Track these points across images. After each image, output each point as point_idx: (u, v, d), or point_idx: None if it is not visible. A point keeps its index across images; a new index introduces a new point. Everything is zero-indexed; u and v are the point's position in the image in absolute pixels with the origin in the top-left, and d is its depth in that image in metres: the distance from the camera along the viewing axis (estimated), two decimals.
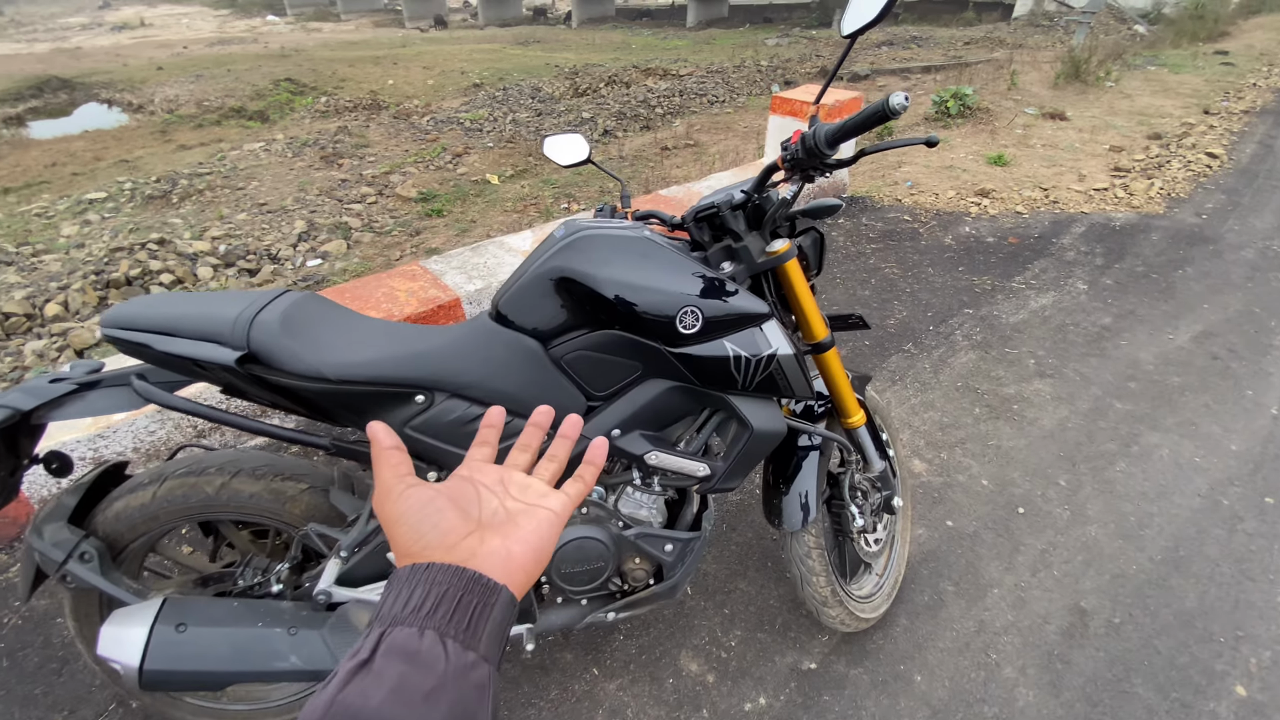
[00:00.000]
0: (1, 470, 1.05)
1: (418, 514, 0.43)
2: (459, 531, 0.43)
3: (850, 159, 1.15)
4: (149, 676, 1.01)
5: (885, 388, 2.49)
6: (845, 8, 1.07)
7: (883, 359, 2.65)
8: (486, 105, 11.76)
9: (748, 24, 23.42)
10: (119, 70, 16.45)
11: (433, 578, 0.39)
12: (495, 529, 0.44)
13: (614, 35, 23.78)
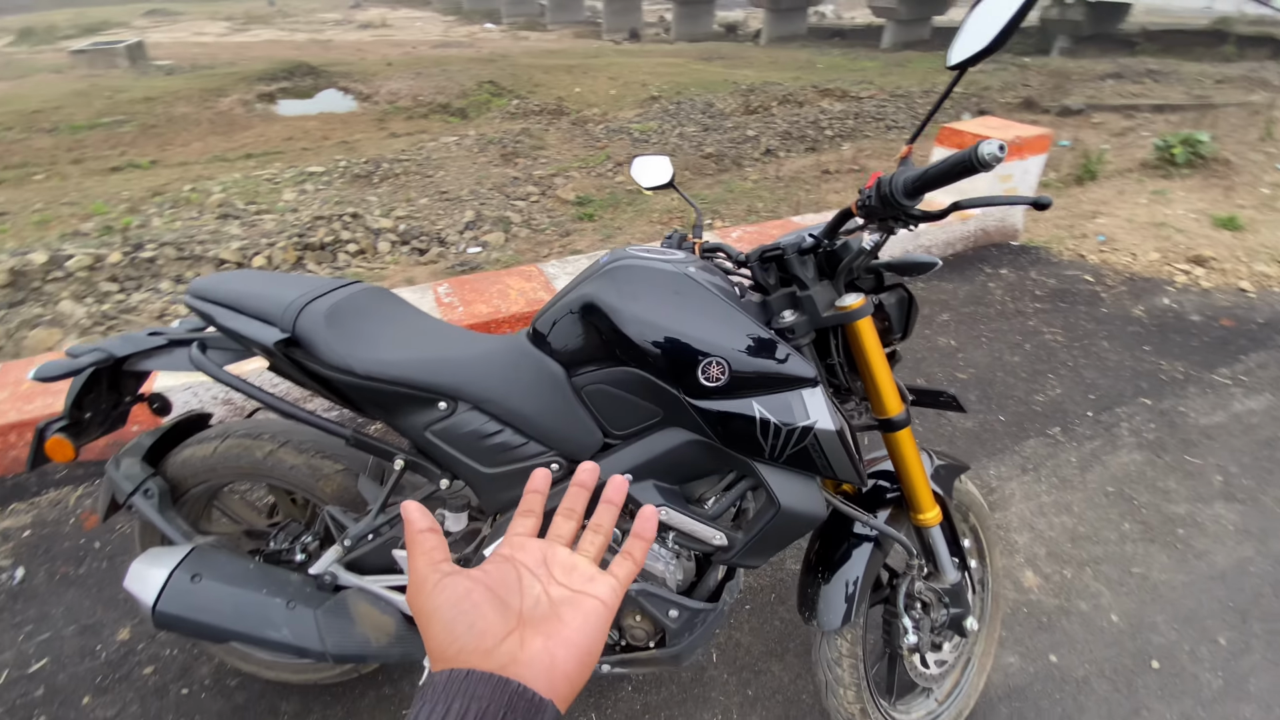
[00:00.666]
0: (107, 403, 1.21)
1: (452, 610, 0.39)
2: (497, 632, 0.39)
3: (940, 213, 0.96)
4: (160, 617, 1.11)
5: (1010, 477, 2.12)
6: (955, 36, 0.90)
7: (1016, 441, 2.27)
8: (658, 118, 12.07)
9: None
10: (357, 63, 19.14)
11: (471, 690, 0.35)
12: (538, 625, 0.40)
13: (800, 54, 23.31)
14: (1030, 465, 2.18)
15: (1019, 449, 2.25)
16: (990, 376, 2.63)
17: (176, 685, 1.48)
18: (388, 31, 29.74)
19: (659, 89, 16.59)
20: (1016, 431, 2.33)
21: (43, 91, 15.26)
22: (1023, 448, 2.26)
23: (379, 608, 1.19)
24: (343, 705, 1.44)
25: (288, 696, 1.45)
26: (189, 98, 14.76)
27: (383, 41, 26.73)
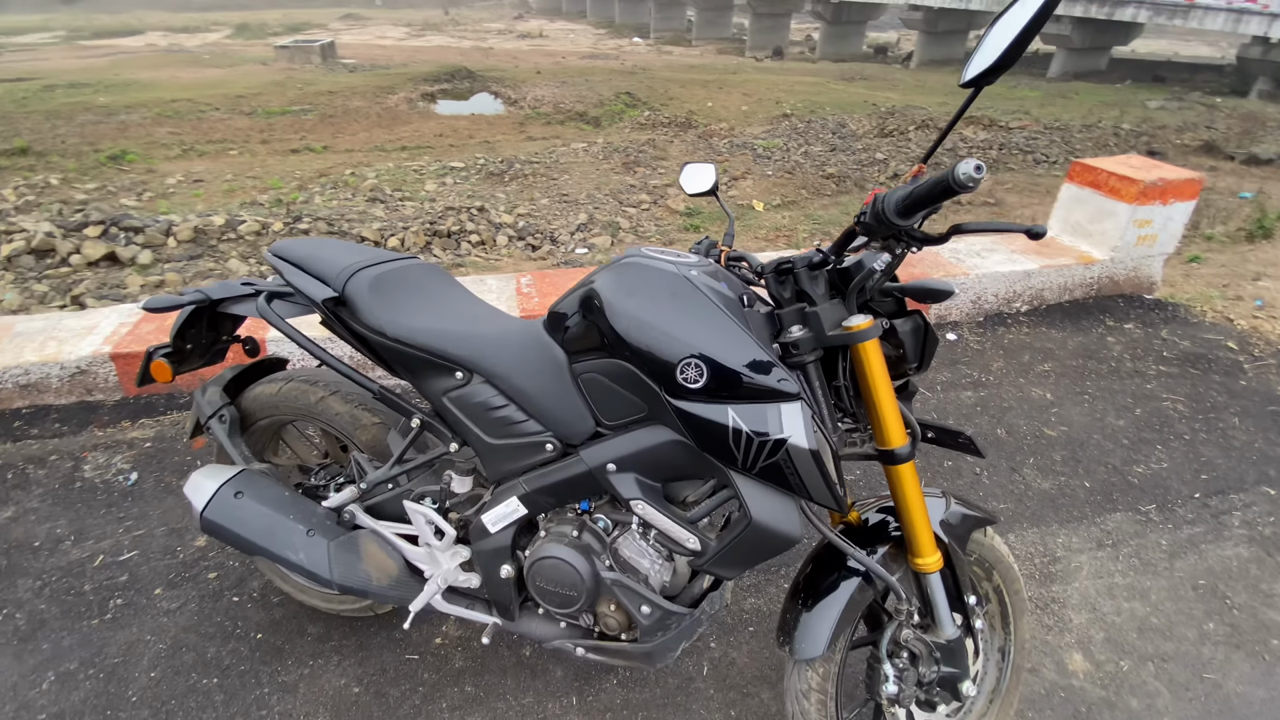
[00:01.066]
0: (206, 339, 1.42)
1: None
2: None
3: (940, 236, 0.92)
4: (204, 522, 1.29)
5: (1081, 549, 1.91)
6: (973, 53, 0.86)
7: (1099, 512, 2.04)
8: (785, 135, 11.93)
9: (1129, 80, 19.69)
10: (510, 70, 20.51)
11: None
12: None
13: (952, 79, 22.03)
14: (1109, 541, 1.94)
15: (1100, 521, 2.02)
16: (1084, 438, 2.37)
17: (230, 592, 1.69)
18: (543, 42, 31.65)
19: (792, 107, 16.39)
20: (1102, 502, 2.09)
21: (248, 79, 17.77)
22: (1105, 520, 2.02)
23: (385, 550, 1.31)
24: (358, 638, 1.59)
25: (315, 620, 1.62)
26: (363, 93, 16.53)
27: (537, 51, 28.48)
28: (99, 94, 15.35)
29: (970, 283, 3.04)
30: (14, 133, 11.73)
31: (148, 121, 13.18)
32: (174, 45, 26.47)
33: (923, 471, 2.20)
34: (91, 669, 1.50)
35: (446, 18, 40.93)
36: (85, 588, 1.70)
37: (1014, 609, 1.35)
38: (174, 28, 33.31)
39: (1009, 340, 2.98)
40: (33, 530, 1.87)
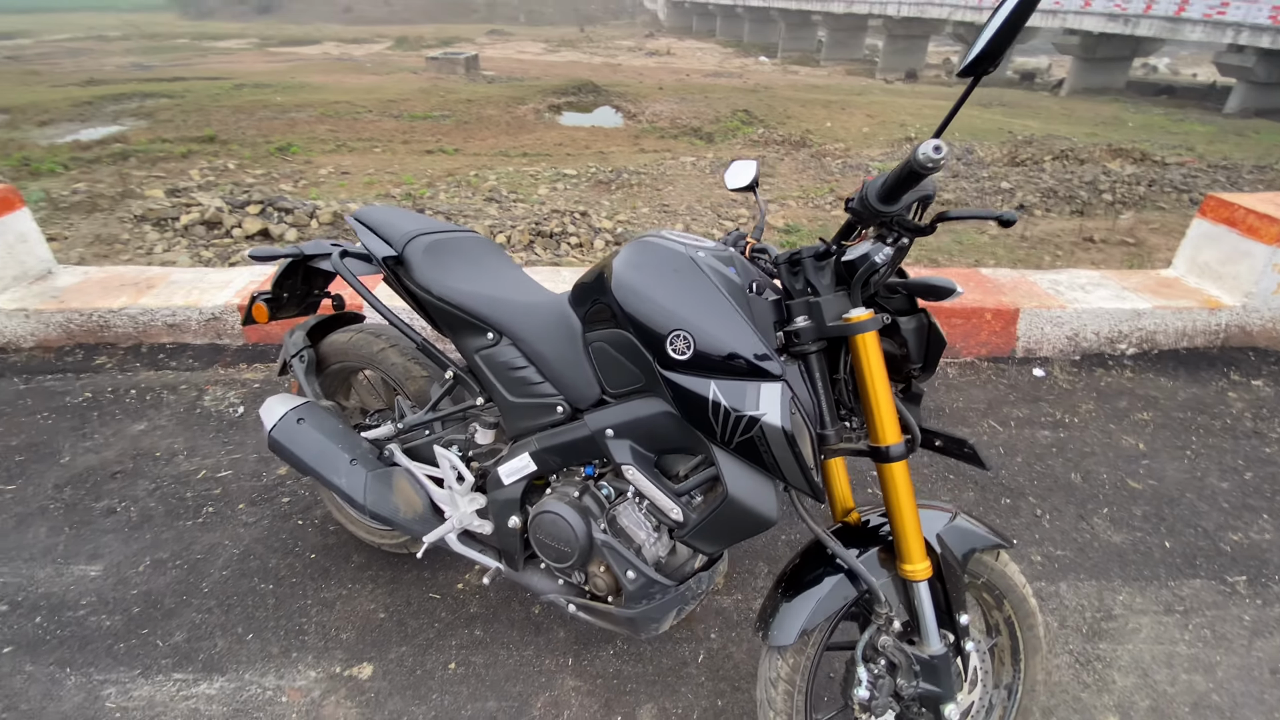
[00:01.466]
0: (301, 291, 1.65)
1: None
2: None
3: (927, 226, 0.92)
4: (271, 441, 1.50)
5: (1144, 610, 1.73)
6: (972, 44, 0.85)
7: (1176, 575, 1.83)
8: (903, 158, 11.47)
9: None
10: (634, 85, 21.18)
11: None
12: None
13: (1106, 108, 20.14)
14: (1181, 607, 1.74)
15: (1175, 585, 1.81)
16: (1176, 496, 2.13)
17: (297, 516, 1.92)
18: (670, 59, 32.41)
19: (917, 130, 15.72)
20: (1181, 565, 1.87)
21: (399, 86, 19.58)
22: (1181, 585, 1.81)
23: (414, 487, 1.46)
24: (392, 571, 1.75)
25: (360, 551, 1.81)
26: (497, 102, 17.71)
27: (663, 68, 29.21)
28: (277, 94, 17.52)
29: (1067, 317, 2.82)
30: (206, 123, 13.66)
31: (312, 119, 14.88)
32: (344, 54, 29.70)
33: (975, 505, 2.08)
34: (179, 560, 1.77)
35: (582, 35, 42.96)
36: (187, 494, 2.00)
37: (1026, 646, 1.27)
38: (345, 39, 37.38)
39: (1106, 383, 2.73)
40: (157, 443, 2.21)
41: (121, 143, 11.83)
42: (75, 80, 19.47)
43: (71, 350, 2.72)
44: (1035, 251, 6.59)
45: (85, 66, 23.68)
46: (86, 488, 2.01)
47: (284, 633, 1.58)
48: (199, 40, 35.91)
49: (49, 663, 1.49)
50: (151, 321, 2.73)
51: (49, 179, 9.11)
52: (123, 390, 2.49)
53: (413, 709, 1.43)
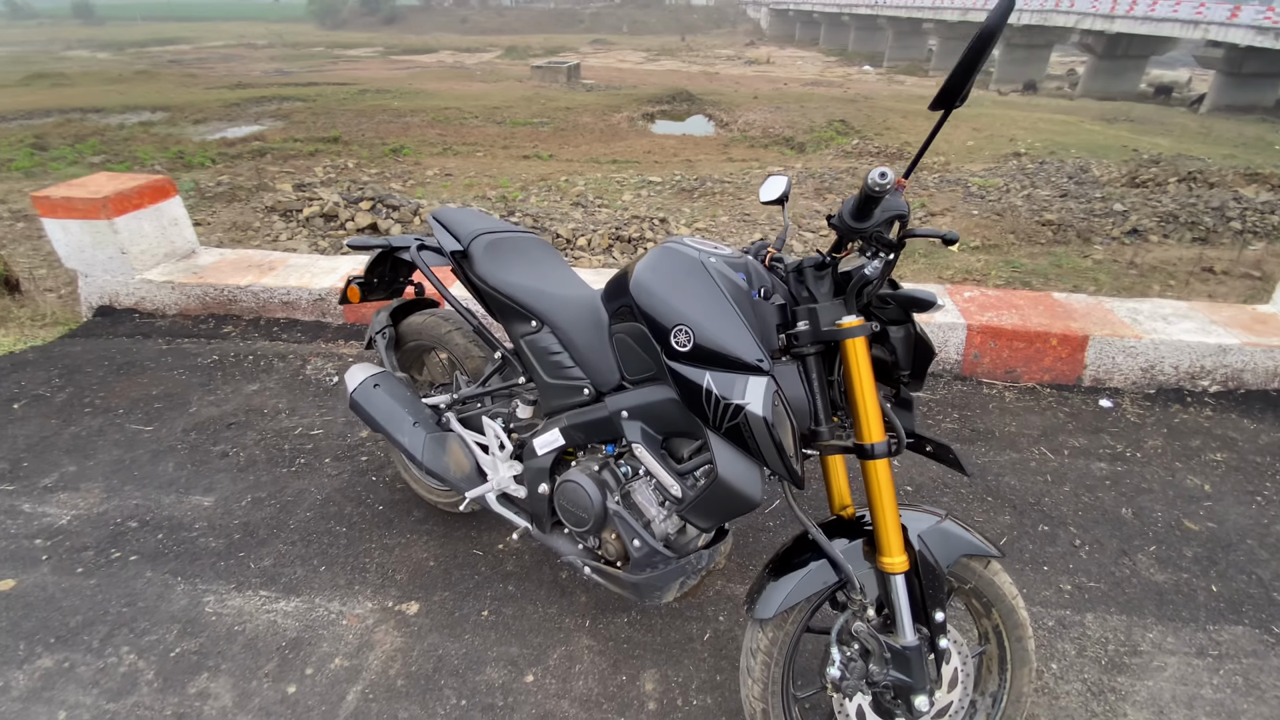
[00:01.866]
0: (389, 277, 1.91)
1: None
2: None
3: (896, 241, 1.01)
4: (352, 401, 1.76)
5: (1175, 650, 1.67)
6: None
7: (1215, 620, 1.74)
8: (1008, 175, 10.93)
9: None
10: (729, 94, 21.21)
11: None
12: None
13: (1250, 128, 18.13)
14: (1215, 652, 1.67)
15: (1213, 629, 1.73)
16: (1235, 541, 2.02)
17: (372, 473, 2.20)
18: (769, 68, 32.18)
19: (1028, 145, 14.89)
20: (1225, 610, 1.78)
21: (505, 94, 20.66)
22: (1220, 630, 1.73)
23: (463, 450, 1.67)
24: (445, 527, 1.98)
25: (420, 507, 2.06)
26: (593, 110, 18.32)
27: (761, 77, 29.07)
28: (394, 99, 18.96)
29: (1142, 348, 2.69)
30: (332, 125, 15.00)
31: (423, 124, 16.00)
32: (457, 63, 31.61)
33: (1008, 529, 2.05)
34: (273, 500, 2.08)
35: (682, 44, 43.38)
36: (285, 446, 2.33)
37: (1013, 657, 1.30)
38: (460, 48, 39.71)
39: (1180, 420, 2.58)
40: (265, 402, 2.58)
41: (260, 141, 13.25)
42: (226, 84, 21.91)
43: (205, 319, 3.19)
44: (1144, 280, 6.14)
45: (235, 71, 26.58)
46: (207, 433, 2.39)
47: (350, 569, 1.84)
48: (332, 49, 39.35)
49: (164, 571, 1.82)
50: (270, 298, 3.15)
51: (199, 171, 10.38)
52: (243, 356, 2.90)
53: (447, 644, 1.64)
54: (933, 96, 0.99)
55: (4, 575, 1.80)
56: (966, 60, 0.88)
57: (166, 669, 1.56)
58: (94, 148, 12.12)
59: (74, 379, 2.72)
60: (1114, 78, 24.02)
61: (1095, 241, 7.44)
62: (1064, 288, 5.73)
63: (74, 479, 2.16)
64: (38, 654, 1.59)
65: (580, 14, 62.78)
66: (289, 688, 1.53)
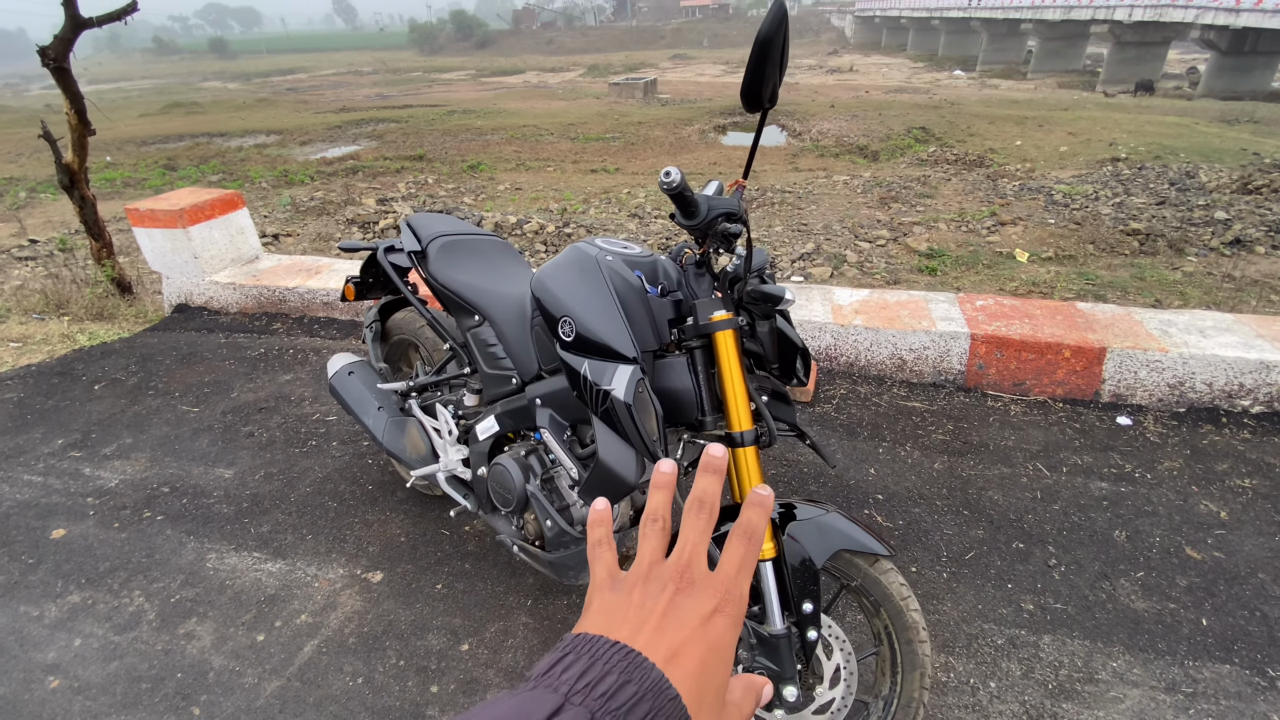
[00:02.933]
0: (385, 277, 2.11)
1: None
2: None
3: (731, 239, 1.06)
4: (330, 386, 1.96)
5: (1139, 683, 1.55)
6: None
7: (1201, 657, 1.60)
8: (1100, 182, 10.17)
9: None
10: (805, 104, 20.90)
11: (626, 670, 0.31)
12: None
13: None
14: (1188, 689, 1.54)
15: (1193, 665, 1.60)
16: (1243, 575, 1.84)
17: (368, 457, 2.42)
18: (850, 77, 31.37)
19: (1129, 149, 13.81)
20: (1213, 647, 1.64)
21: (581, 110, 21.32)
22: (1201, 667, 1.59)
23: (420, 434, 1.82)
24: (420, 508, 2.15)
25: (401, 489, 2.24)
26: (665, 124, 18.57)
27: (841, 85, 28.39)
28: (478, 118, 20.02)
29: (1169, 362, 2.49)
30: (419, 144, 16.06)
31: (502, 141, 16.82)
32: (541, 82, 32.94)
33: (980, 543, 1.98)
34: (281, 476, 2.33)
35: None
36: (302, 430, 2.59)
37: (904, 660, 1.29)
38: (545, 68, 41.35)
39: (1209, 442, 2.37)
40: (294, 390, 2.87)
41: (354, 160, 14.40)
42: (332, 108, 23.92)
43: (259, 316, 3.58)
44: (1240, 295, 5.60)
45: (341, 96, 28.96)
46: (240, 415, 2.70)
47: (331, 539, 2.04)
48: (429, 73, 42.03)
49: (181, 530, 2.09)
50: (313, 299, 3.49)
51: (298, 187, 11.43)
52: (285, 349, 3.23)
53: (399, 611, 1.79)
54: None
55: (58, 525, 2.13)
56: (751, 66, 0.93)
57: (165, 611, 1.81)
58: (214, 168, 13.60)
59: (146, 366, 3.13)
60: (1240, 76, 21.72)
61: (1189, 253, 6.81)
62: (1144, 302, 5.33)
63: (128, 449, 2.51)
64: (70, 591, 1.88)
65: (661, 30, 63.79)
66: (259, 636, 1.73)
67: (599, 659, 0.31)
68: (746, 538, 0.37)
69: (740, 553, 0.37)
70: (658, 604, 0.34)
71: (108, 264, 4.02)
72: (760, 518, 0.38)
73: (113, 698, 1.58)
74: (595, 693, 0.30)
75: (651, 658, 0.32)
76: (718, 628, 0.34)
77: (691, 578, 0.36)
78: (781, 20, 0.89)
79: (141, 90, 39.00)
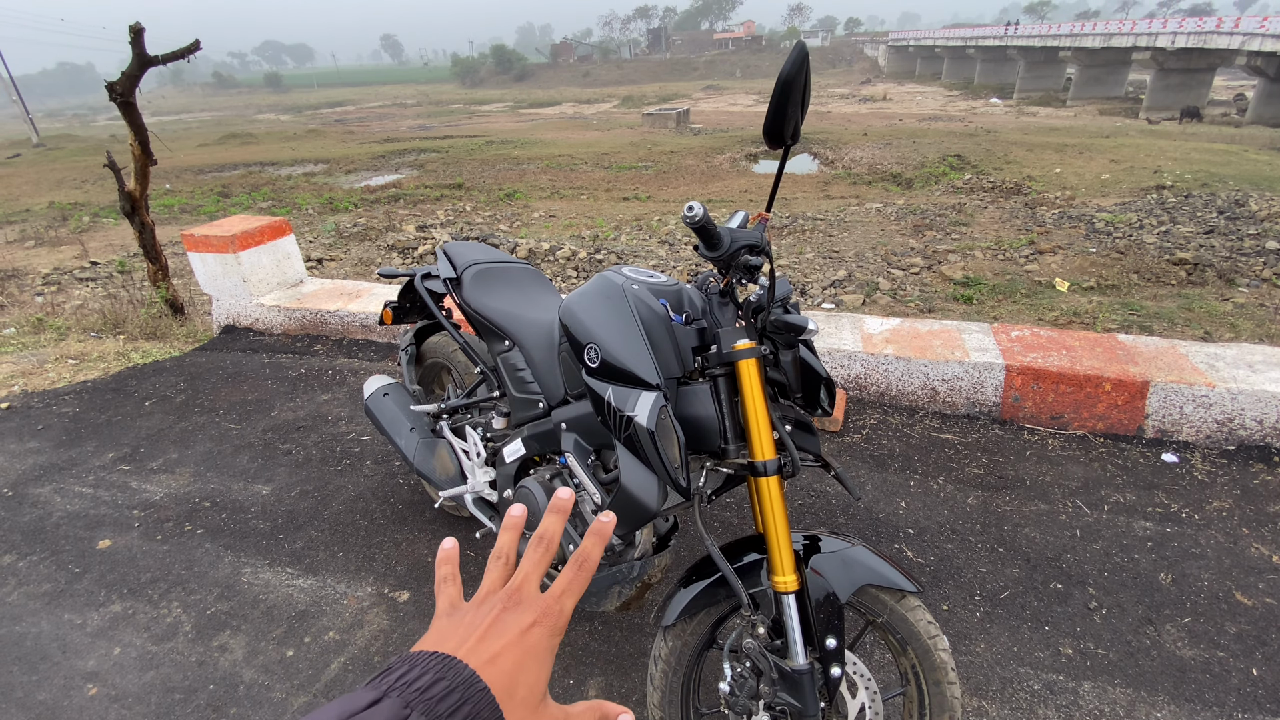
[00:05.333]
0: (421, 303, 2.19)
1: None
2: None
3: (753, 270, 1.07)
4: (365, 407, 2.01)
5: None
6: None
7: (1253, 709, 1.51)
8: (1144, 210, 9.92)
9: None
10: (838, 132, 20.95)
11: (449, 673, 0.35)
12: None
13: None
14: None
15: (1241, 718, 1.51)
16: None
17: (399, 477, 2.47)
18: (884, 105, 31.40)
19: (1175, 177, 13.47)
20: (1264, 698, 1.54)
21: (614, 140, 21.76)
22: (1250, 718, 1.50)
23: (448, 455, 1.86)
24: (449, 529, 2.18)
25: (429, 509, 2.27)
26: (697, 153, 18.81)
27: (875, 114, 28.44)
28: (515, 149, 20.58)
29: (1216, 397, 2.40)
30: (459, 173, 16.56)
31: (537, 170, 17.24)
32: (577, 113, 33.78)
33: (1017, 582, 1.91)
34: (316, 493, 2.39)
35: None
36: (337, 449, 2.66)
37: (932, 702, 1.25)
38: (581, 100, 42.41)
39: (1260, 482, 2.26)
40: (331, 410, 2.96)
41: (396, 188, 14.91)
42: (376, 139, 24.89)
43: (301, 338, 3.71)
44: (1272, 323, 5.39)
45: (386, 128, 30.13)
46: (280, 434, 2.79)
47: (362, 557, 2.08)
48: (469, 105, 43.52)
49: (220, 544, 2.16)
50: (353, 321, 3.61)
51: (342, 214, 11.87)
52: (324, 370, 3.34)
53: (424, 630, 1.80)
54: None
55: (105, 536, 2.22)
56: (774, 106, 0.96)
57: (201, 623, 1.86)
58: (265, 195, 14.23)
59: (194, 384, 3.27)
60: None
61: (1239, 283, 6.57)
62: (1192, 334, 5.15)
63: (174, 464, 2.61)
64: (112, 601, 1.95)
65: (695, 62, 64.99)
66: (288, 651, 1.76)
67: (418, 664, 0.36)
68: (578, 564, 0.42)
69: (569, 576, 0.42)
70: (485, 621, 0.39)
71: (162, 286, 4.23)
72: (595, 545, 0.43)
73: (147, 707, 1.62)
74: (411, 688, 0.34)
75: (470, 662, 0.36)
76: (534, 636, 0.39)
77: (519, 599, 0.41)
78: (803, 61, 0.92)
79: (201, 122, 41.25)
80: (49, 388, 3.31)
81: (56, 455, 2.71)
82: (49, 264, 8.06)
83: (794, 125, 0.99)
